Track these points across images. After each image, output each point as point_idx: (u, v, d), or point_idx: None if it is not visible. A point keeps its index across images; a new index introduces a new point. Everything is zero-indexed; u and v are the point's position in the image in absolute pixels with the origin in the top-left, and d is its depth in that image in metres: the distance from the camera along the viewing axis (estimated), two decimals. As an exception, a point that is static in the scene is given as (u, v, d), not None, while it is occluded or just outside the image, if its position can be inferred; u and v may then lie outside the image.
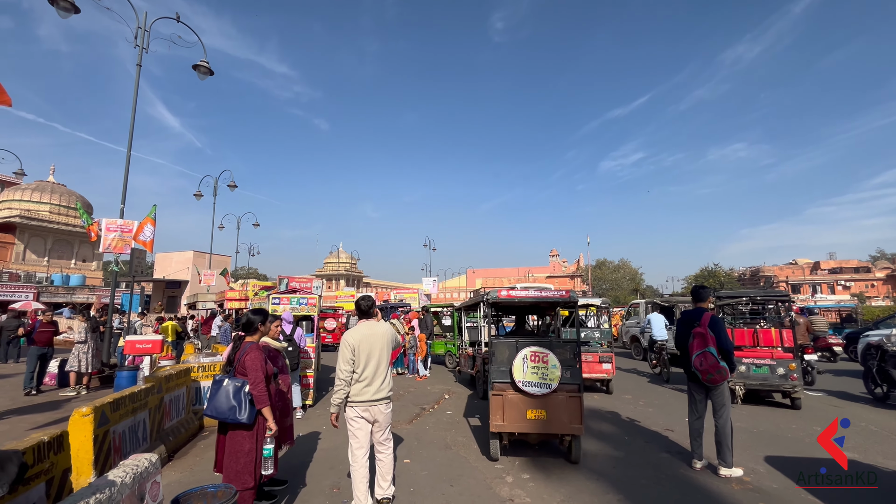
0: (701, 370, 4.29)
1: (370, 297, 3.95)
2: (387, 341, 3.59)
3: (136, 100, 10.66)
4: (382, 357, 3.53)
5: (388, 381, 3.59)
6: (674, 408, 7.14)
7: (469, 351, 9.05)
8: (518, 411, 4.63)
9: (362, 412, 3.43)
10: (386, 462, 3.65)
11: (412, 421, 6.54)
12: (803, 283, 75.65)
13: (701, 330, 4.33)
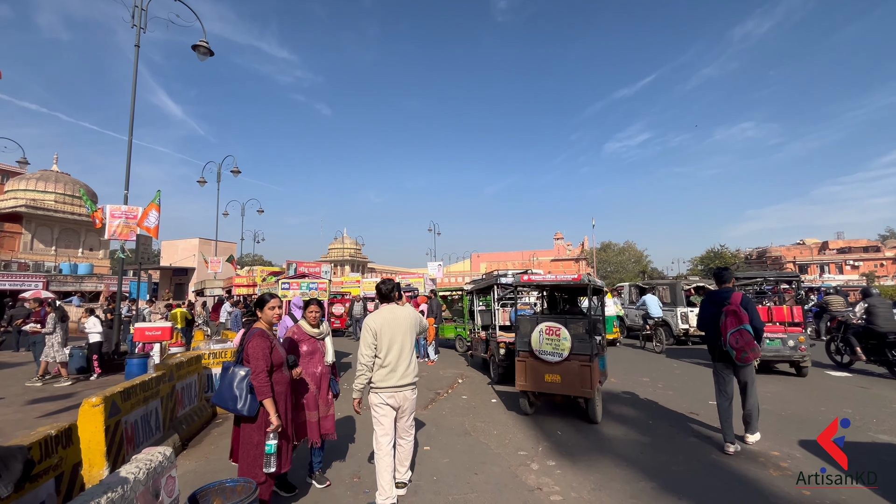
0: (736, 348, 4.26)
1: (391, 280, 3.78)
2: (410, 325, 3.47)
3: (136, 82, 10.36)
4: (406, 342, 3.41)
5: (414, 366, 3.47)
6: (695, 390, 6.97)
7: (482, 334, 8.89)
8: (537, 374, 5.59)
9: (387, 398, 3.33)
10: (406, 448, 3.57)
11: (428, 406, 6.42)
12: (811, 263, 74.82)
13: (734, 308, 4.34)
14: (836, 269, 71.53)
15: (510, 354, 7.70)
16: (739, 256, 76.71)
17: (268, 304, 3.28)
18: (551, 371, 5.48)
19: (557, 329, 5.48)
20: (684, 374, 8.45)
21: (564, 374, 5.40)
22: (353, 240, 70.08)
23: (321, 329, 3.79)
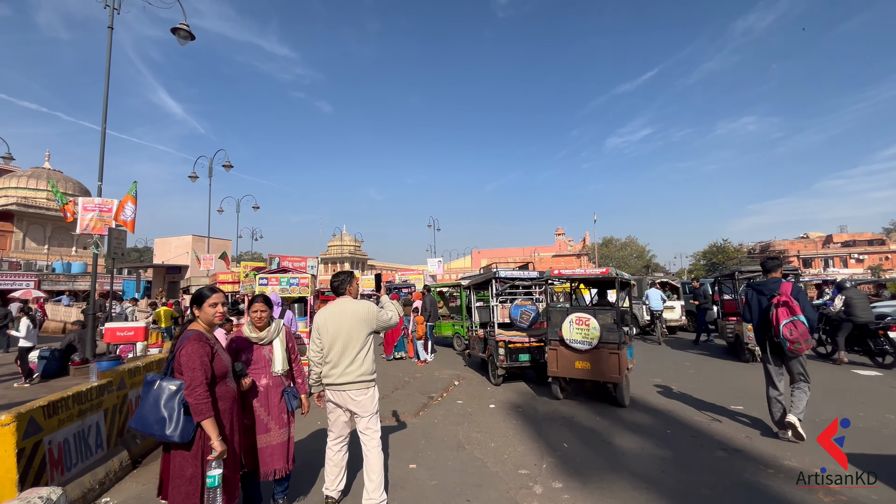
0: (790, 339, 4.18)
1: (344, 272, 3.36)
2: (357, 320, 3.14)
3: (109, 65, 9.70)
4: (352, 338, 3.12)
5: (360, 364, 3.12)
6: (713, 392, 6.34)
7: (480, 333, 8.27)
8: (568, 361, 6.00)
9: (332, 395, 3.17)
10: (371, 458, 3.14)
11: (419, 413, 5.80)
12: (815, 256, 74.05)
13: (785, 299, 4.28)
14: (840, 262, 70.78)
15: (511, 354, 7.08)
16: (742, 251, 76.04)
17: (207, 301, 2.65)
18: (581, 358, 5.90)
19: (587, 319, 5.88)
20: (698, 373, 7.82)
21: (594, 362, 5.81)
22: (352, 237, 69.44)
23: (267, 332, 3.14)
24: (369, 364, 3.15)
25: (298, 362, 3.30)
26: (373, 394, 3.17)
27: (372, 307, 3.23)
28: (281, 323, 3.27)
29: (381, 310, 3.30)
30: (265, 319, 3.14)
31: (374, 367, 3.20)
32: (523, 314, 7.15)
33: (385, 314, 3.26)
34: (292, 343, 3.30)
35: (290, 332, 3.34)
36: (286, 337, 3.25)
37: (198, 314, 2.65)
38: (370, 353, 3.19)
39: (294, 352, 3.29)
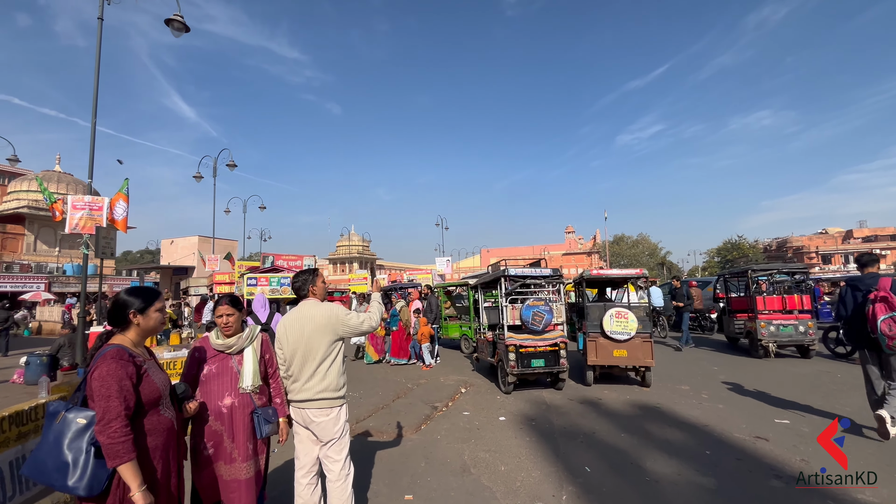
0: (889, 335, 4.04)
1: (307, 272, 2.88)
2: (317, 327, 2.65)
3: (100, 57, 9.28)
4: (311, 347, 2.64)
5: (321, 378, 2.63)
6: (750, 403, 5.65)
7: (488, 335, 7.66)
8: (606, 351, 6.81)
9: (294, 415, 2.71)
10: (333, 494, 2.63)
11: (420, 427, 5.21)
12: (835, 252, 71.82)
13: (884, 294, 4.15)
14: (861, 258, 68.39)
15: (522, 359, 6.46)
16: (758, 247, 74.17)
17: (154, 306, 2.08)
18: (619, 348, 6.77)
19: (626, 313, 6.78)
20: (731, 379, 7.10)
21: (630, 350, 6.72)
22: (360, 237, 69.20)
23: (237, 339, 2.56)
24: (334, 378, 2.63)
25: (279, 378, 2.72)
26: (338, 415, 2.62)
27: (336, 311, 2.70)
28: (257, 330, 2.67)
29: (350, 313, 2.73)
30: (232, 325, 2.57)
31: (342, 382, 2.68)
32: (535, 315, 6.52)
33: (353, 318, 2.71)
34: (270, 354, 2.70)
35: (268, 341, 2.75)
36: (263, 347, 2.66)
37: (136, 321, 2.08)
38: (335, 366, 2.66)
39: (273, 365, 2.70)
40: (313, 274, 2.85)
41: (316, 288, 2.82)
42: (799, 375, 7.27)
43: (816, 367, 8.02)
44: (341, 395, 2.65)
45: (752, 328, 9.11)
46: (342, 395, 2.66)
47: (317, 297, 2.82)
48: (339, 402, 2.63)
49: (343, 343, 2.76)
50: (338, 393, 2.63)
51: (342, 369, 2.70)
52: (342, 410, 2.66)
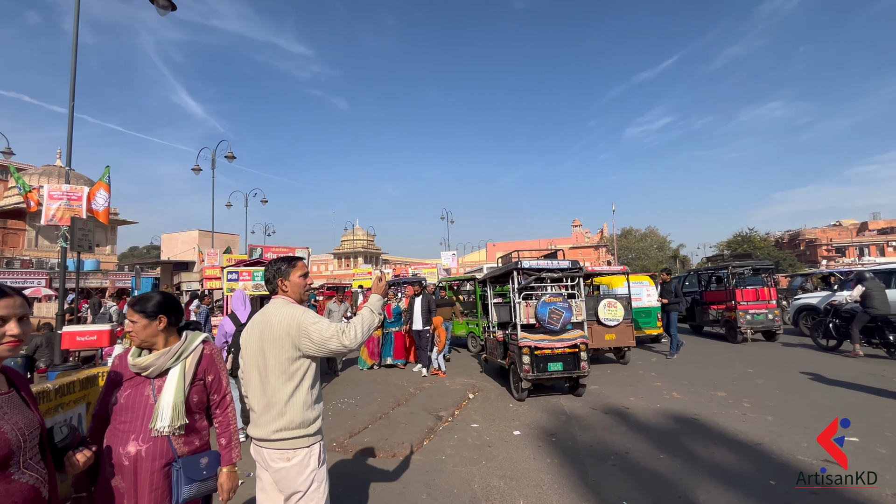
0: None
1: (281, 260, 2.11)
2: (274, 338, 1.91)
3: (77, 36, 8.59)
4: (268, 365, 1.92)
5: (280, 410, 1.88)
6: (803, 413, 4.89)
7: (498, 335, 6.94)
8: (599, 336, 7.95)
9: (255, 454, 2.00)
10: None
11: (422, 443, 4.52)
12: (849, 245, 70.36)
13: None
14: (876, 250, 67.05)
15: (537, 363, 5.74)
16: (769, 240, 72.73)
17: None
18: (609, 332, 8.04)
19: (615, 303, 8.12)
20: (770, 381, 6.34)
21: (618, 333, 8.07)
22: (364, 231, 68.60)
23: (155, 357, 1.81)
24: (296, 411, 1.88)
25: (226, 410, 1.98)
26: (304, 460, 1.87)
27: (299, 317, 1.91)
28: (196, 339, 1.92)
29: (319, 322, 1.91)
30: (143, 337, 1.84)
31: (312, 416, 1.93)
32: (553, 313, 5.79)
33: (322, 329, 1.87)
34: (216, 374, 1.95)
35: (212, 356, 1.96)
36: (204, 364, 1.90)
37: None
38: (299, 395, 1.90)
39: (221, 390, 1.97)
40: (288, 263, 2.08)
41: (289, 283, 2.05)
42: (839, 377, 6.49)
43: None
44: (309, 434, 1.90)
45: (731, 317, 10.36)
46: (311, 432, 1.92)
47: (289, 294, 2.06)
48: (304, 444, 1.89)
49: (316, 362, 2.00)
50: (303, 431, 1.89)
51: (311, 398, 1.95)
52: (312, 454, 1.91)
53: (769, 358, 8.32)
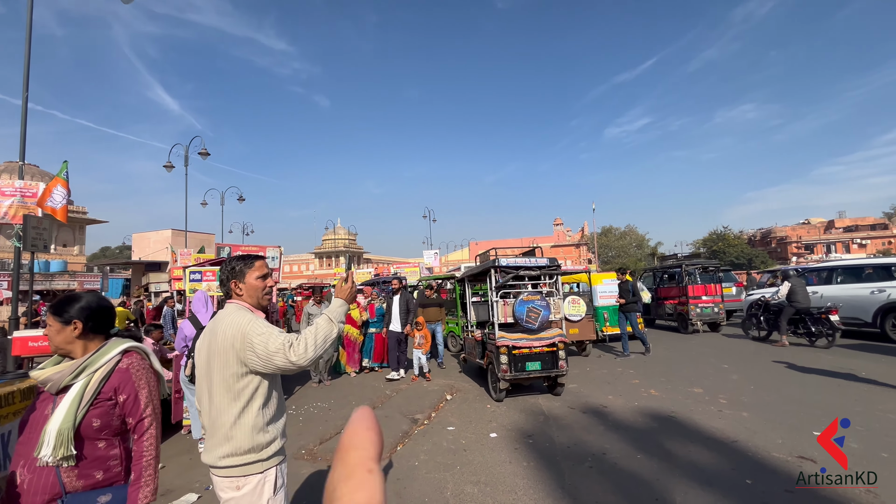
0: None
1: (236, 258, 1.86)
2: (218, 350, 1.67)
3: (31, 21, 8.09)
4: (212, 381, 1.68)
5: (226, 434, 1.65)
6: (778, 410, 4.91)
7: (476, 334, 6.81)
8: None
9: (213, 479, 1.73)
10: None
11: (395, 448, 4.35)
12: (818, 242, 73.07)
13: None
14: (842, 248, 69.79)
15: (516, 362, 5.64)
16: (743, 238, 74.96)
17: None
18: (573, 327, 8.51)
19: (579, 300, 8.68)
20: (745, 377, 6.38)
21: (581, 328, 8.57)
22: (346, 230, 67.80)
23: (57, 371, 1.57)
24: (245, 435, 1.64)
25: (142, 437, 1.64)
26: (256, 488, 1.65)
27: (246, 326, 1.65)
28: (112, 350, 1.65)
29: (266, 331, 1.64)
30: (56, 342, 1.61)
31: (264, 440, 1.68)
32: (531, 312, 5.69)
33: (268, 341, 1.61)
34: (130, 394, 1.62)
35: (129, 371, 1.64)
36: (115, 381, 1.60)
37: None
38: (248, 416, 1.66)
39: (136, 412, 1.64)
40: (243, 263, 1.83)
41: (244, 285, 1.80)
42: (810, 371, 6.59)
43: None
44: (262, 459, 1.68)
45: (683, 311, 11.34)
46: (265, 457, 1.68)
47: (244, 299, 1.81)
48: (256, 470, 1.66)
49: (270, 379, 1.73)
50: (254, 456, 1.66)
51: (264, 420, 1.68)
52: (266, 481, 1.68)
53: (743, 354, 8.43)
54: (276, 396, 1.78)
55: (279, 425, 1.77)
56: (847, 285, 9.80)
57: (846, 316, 9.15)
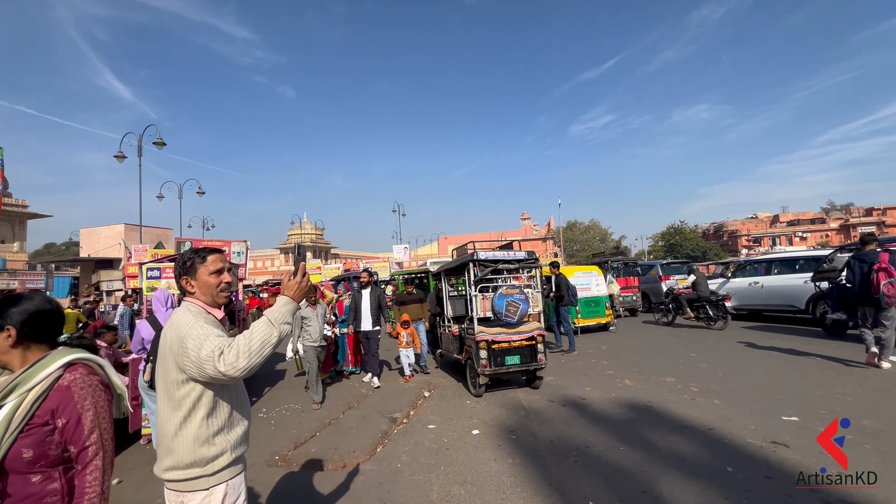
0: (889, 295, 5.43)
1: (189, 252, 1.68)
2: (162, 355, 1.56)
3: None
4: (159, 388, 1.56)
5: (168, 445, 1.50)
6: (745, 395, 5.09)
7: (454, 329, 6.71)
8: None
9: None
10: None
11: (375, 450, 4.19)
12: (764, 235, 77.93)
13: (885, 266, 5.50)
14: (786, 240, 74.65)
15: (495, 357, 5.58)
16: (698, 231, 78.80)
17: None
18: None
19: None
20: (713, 366, 6.62)
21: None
22: (313, 224, 66.06)
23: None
24: (186, 447, 1.48)
25: (85, 470, 1.34)
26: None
27: (185, 329, 1.48)
28: (52, 364, 1.34)
29: (200, 335, 1.46)
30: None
31: (209, 453, 1.50)
32: (510, 306, 5.64)
33: (203, 346, 1.42)
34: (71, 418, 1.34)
35: (70, 389, 1.35)
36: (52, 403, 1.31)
37: None
38: (190, 426, 1.49)
39: (78, 440, 1.34)
40: (197, 257, 1.64)
41: (196, 282, 1.63)
42: (772, 357, 6.93)
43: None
44: (207, 474, 1.50)
45: None
46: (210, 472, 1.50)
47: (197, 297, 1.63)
48: (201, 486, 1.49)
49: (214, 388, 1.52)
50: (198, 471, 1.48)
51: (209, 431, 1.50)
52: (213, 498, 1.50)
53: (708, 342, 8.77)
54: (226, 405, 1.57)
55: (231, 437, 1.57)
56: (784, 276, 10.55)
57: (782, 304, 10.36)
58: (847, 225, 69.58)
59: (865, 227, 61.65)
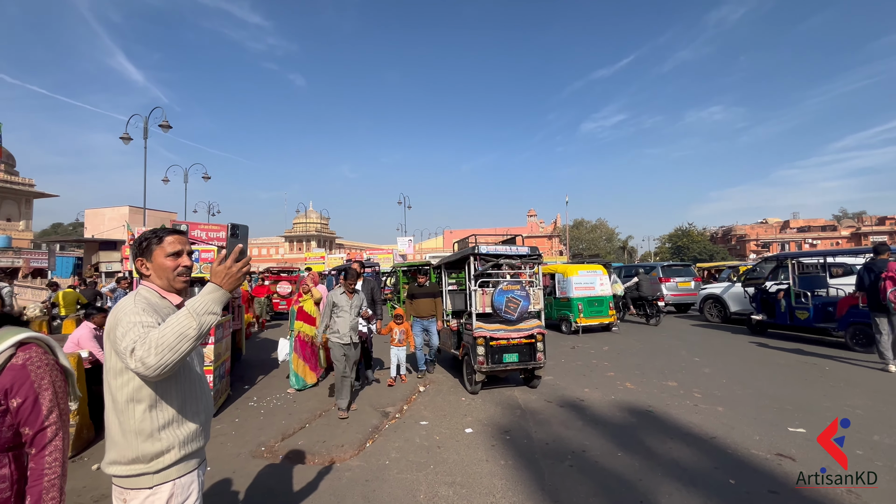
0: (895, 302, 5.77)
1: (149, 232, 1.52)
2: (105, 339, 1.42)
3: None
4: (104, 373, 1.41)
5: (111, 438, 1.39)
6: (749, 403, 4.91)
7: (452, 324, 6.57)
8: None
9: None
10: None
11: (364, 446, 4.06)
12: (773, 241, 76.97)
13: (892, 274, 5.82)
14: (795, 246, 73.76)
15: (493, 354, 5.43)
16: (706, 235, 78.00)
17: None
18: None
19: None
20: (717, 372, 6.43)
21: None
22: (318, 214, 66.06)
23: None
24: (128, 441, 1.35)
25: (42, 452, 1.25)
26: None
27: (120, 314, 1.35)
28: (4, 341, 1.23)
29: (131, 320, 1.31)
30: None
31: (153, 449, 1.36)
32: (510, 302, 5.48)
33: (128, 336, 1.27)
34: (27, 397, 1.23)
35: (25, 368, 1.25)
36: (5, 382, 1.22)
37: None
38: (131, 418, 1.35)
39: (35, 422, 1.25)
40: (153, 237, 1.49)
41: (152, 264, 1.48)
42: (777, 364, 6.73)
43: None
44: (150, 472, 1.36)
45: None
46: (153, 469, 1.36)
47: (152, 280, 1.49)
48: (143, 484, 1.36)
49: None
50: (140, 468, 1.35)
51: (153, 425, 1.36)
52: (156, 498, 1.37)
53: (713, 346, 8.58)
54: (175, 397, 1.41)
55: (181, 432, 1.41)
56: None
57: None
58: (858, 233, 68.62)
59: (877, 235, 60.72)
